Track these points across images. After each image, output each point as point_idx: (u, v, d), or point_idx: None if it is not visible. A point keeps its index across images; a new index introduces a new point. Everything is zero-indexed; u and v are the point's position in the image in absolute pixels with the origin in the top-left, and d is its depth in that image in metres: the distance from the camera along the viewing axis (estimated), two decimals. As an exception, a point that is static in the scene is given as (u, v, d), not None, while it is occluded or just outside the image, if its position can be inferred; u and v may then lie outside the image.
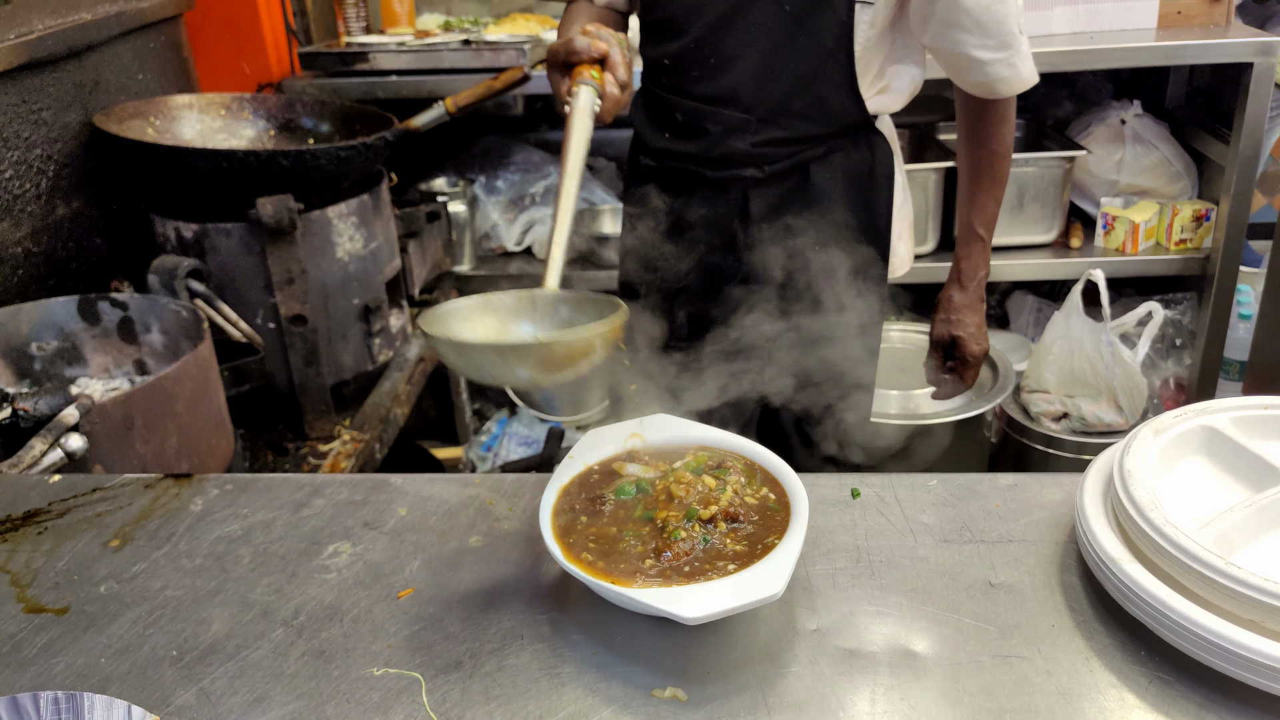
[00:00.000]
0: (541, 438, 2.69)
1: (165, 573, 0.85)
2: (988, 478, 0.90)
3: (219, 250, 1.82)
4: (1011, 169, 2.35)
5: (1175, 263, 2.41)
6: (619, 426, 0.88)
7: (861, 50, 1.32)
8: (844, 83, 1.34)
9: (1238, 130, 2.21)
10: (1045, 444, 2.22)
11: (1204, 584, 0.68)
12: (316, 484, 0.96)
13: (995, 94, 1.37)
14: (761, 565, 0.71)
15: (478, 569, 0.83)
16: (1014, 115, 1.44)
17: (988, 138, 1.45)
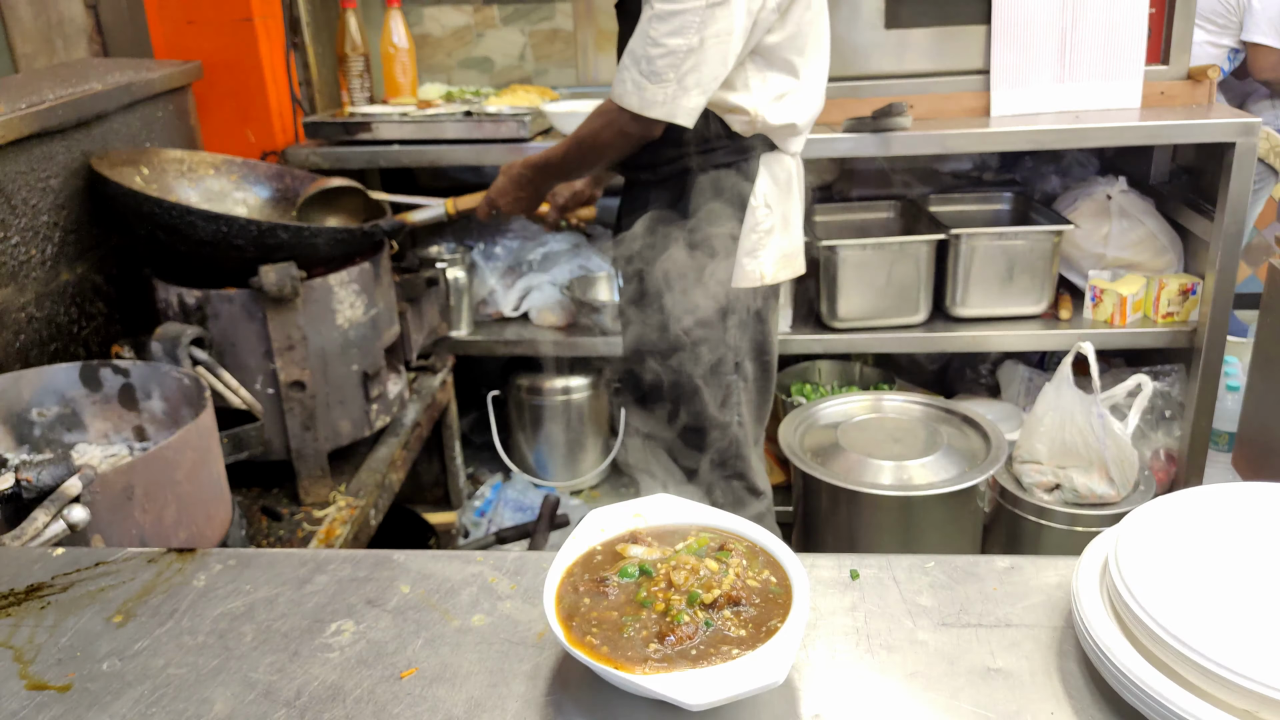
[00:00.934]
0: (535, 503, 2.69)
1: (168, 650, 0.85)
2: (984, 560, 0.91)
3: (220, 316, 1.84)
4: (1002, 241, 2.41)
5: (1163, 335, 2.45)
6: (621, 506, 0.90)
7: None
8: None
9: (1221, 207, 2.26)
10: (1038, 515, 2.23)
11: (1203, 676, 0.69)
12: (319, 560, 0.96)
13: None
14: (764, 651, 0.71)
15: (480, 649, 0.83)
16: (604, 116, 1.76)
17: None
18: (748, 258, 1.83)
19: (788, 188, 1.86)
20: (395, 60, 2.65)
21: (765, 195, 1.82)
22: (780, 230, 1.85)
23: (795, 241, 1.90)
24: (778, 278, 1.88)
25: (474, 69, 3.06)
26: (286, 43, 2.46)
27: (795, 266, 1.92)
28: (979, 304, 2.49)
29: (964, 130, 2.29)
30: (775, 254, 1.86)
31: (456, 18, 3.03)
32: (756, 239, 1.83)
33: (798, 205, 1.90)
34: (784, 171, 1.84)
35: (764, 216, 1.83)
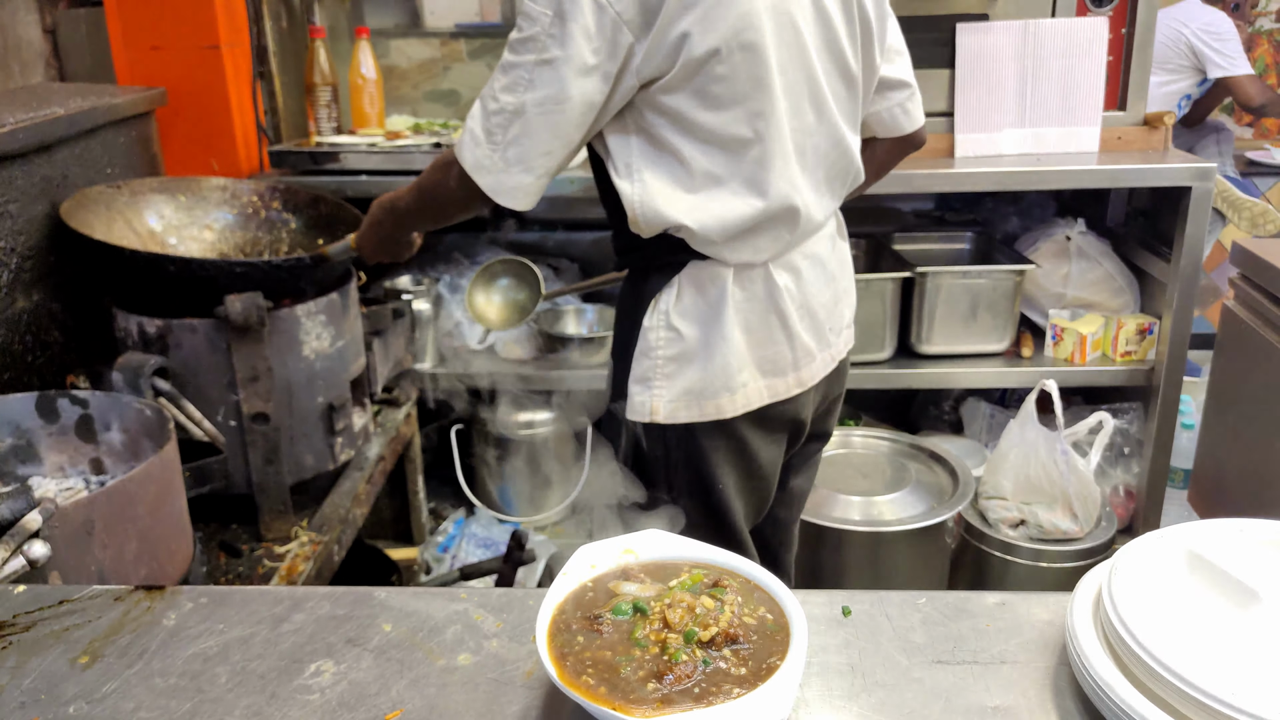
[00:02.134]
0: (499, 538, 2.65)
1: (138, 693, 0.81)
2: (975, 596, 0.91)
3: (182, 346, 1.80)
4: (966, 280, 2.44)
5: (1121, 374, 2.50)
6: (611, 543, 0.88)
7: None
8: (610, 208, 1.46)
9: (1178, 249, 2.32)
10: (1004, 550, 2.24)
11: (1200, 710, 0.69)
12: (296, 598, 0.93)
13: None
14: (764, 690, 0.70)
15: (467, 689, 0.81)
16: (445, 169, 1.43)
17: None
18: (637, 385, 1.43)
19: (718, 307, 1.39)
20: (363, 91, 2.64)
21: (668, 314, 1.40)
22: (696, 359, 1.40)
23: (723, 375, 1.40)
24: (676, 418, 1.42)
25: (440, 101, 3.06)
26: (253, 71, 2.43)
27: (710, 408, 1.42)
28: (943, 341, 2.52)
29: (930, 170, 2.33)
30: (678, 388, 1.41)
31: (423, 50, 3.03)
32: (649, 366, 1.41)
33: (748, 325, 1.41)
34: (715, 286, 1.38)
35: (664, 340, 1.40)
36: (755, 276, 1.40)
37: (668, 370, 1.41)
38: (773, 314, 1.42)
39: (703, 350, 1.40)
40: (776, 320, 1.42)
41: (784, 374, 1.46)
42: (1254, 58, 4.60)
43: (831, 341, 1.54)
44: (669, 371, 1.41)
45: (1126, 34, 2.42)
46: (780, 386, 1.46)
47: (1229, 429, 2.16)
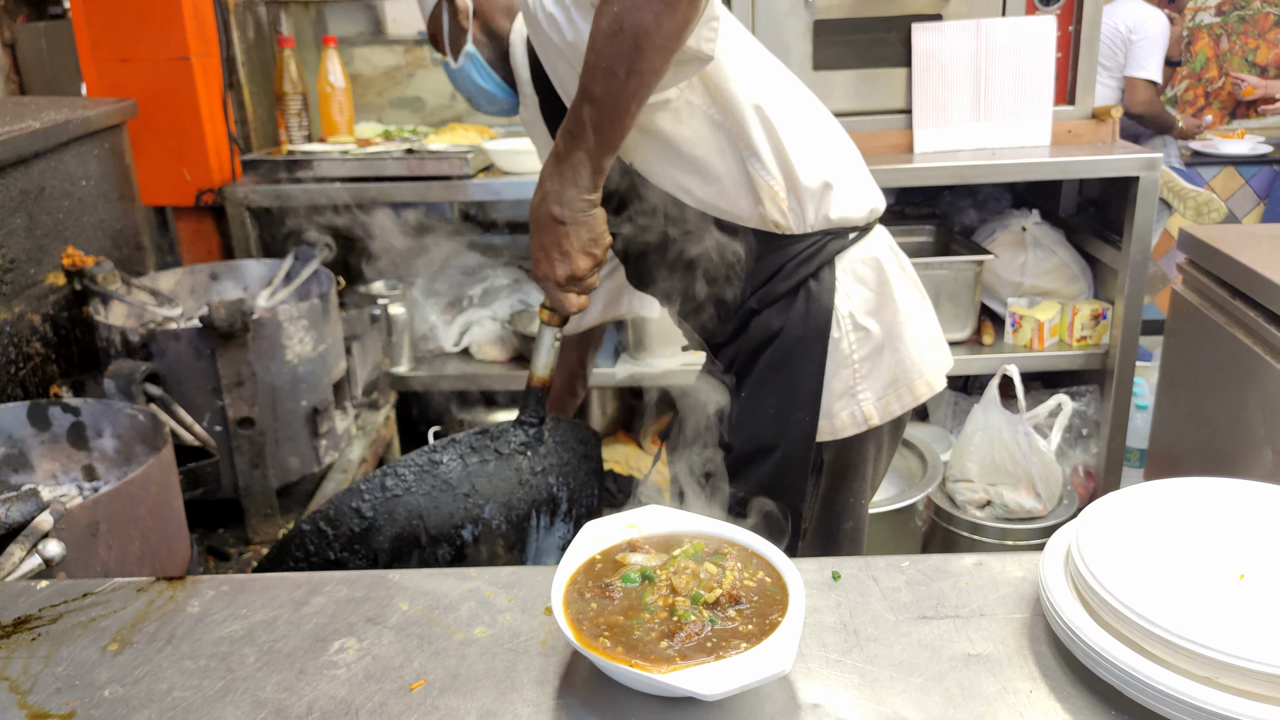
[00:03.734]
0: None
1: (170, 675, 0.85)
2: (954, 558, 0.98)
3: (166, 354, 1.82)
4: (928, 271, 2.53)
5: (1078, 358, 2.60)
6: (615, 518, 0.93)
7: None
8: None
9: (1127, 237, 2.42)
10: (971, 531, 2.33)
11: (1163, 647, 0.75)
12: (314, 582, 0.97)
13: None
14: (769, 643, 0.76)
15: (486, 659, 0.86)
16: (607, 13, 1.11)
17: None
18: (841, 401, 1.36)
19: (883, 286, 1.36)
20: (332, 99, 2.67)
21: (854, 315, 1.34)
22: (886, 348, 1.37)
23: (914, 352, 1.38)
24: (890, 414, 1.39)
25: (405, 108, 3.09)
26: (223, 81, 2.45)
27: (921, 387, 1.40)
28: (907, 331, 2.60)
29: (890, 166, 2.41)
30: (881, 383, 1.38)
31: (388, 58, 3.06)
32: (848, 375, 1.35)
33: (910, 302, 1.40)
34: (870, 267, 1.35)
35: (855, 343, 1.35)
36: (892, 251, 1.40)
37: (864, 370, 1.36)
38: (914, 289, 1.43)
39: (890, 336, 1.37)
40: (917, 293, 1.44)
41: (941, 344, 1.48)
42: (1194, 51, 4.76)
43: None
44: (866, 371, 1.36)
45: (1074, 31, 2.52)
46: (947, 355, 1.48)
47: (1181, 408, 2.26)
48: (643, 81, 1.13)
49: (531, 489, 1.41)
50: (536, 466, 1.43)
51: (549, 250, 1.27)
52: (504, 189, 2.48)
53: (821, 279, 1.32)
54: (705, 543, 0.89)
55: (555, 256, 1.27)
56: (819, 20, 2.49)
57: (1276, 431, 1.84)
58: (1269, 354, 1.85)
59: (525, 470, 1.41)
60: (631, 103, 1.15)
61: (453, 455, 1.38)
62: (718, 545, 0.89)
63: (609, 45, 1.11)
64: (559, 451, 1.46)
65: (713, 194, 1.32)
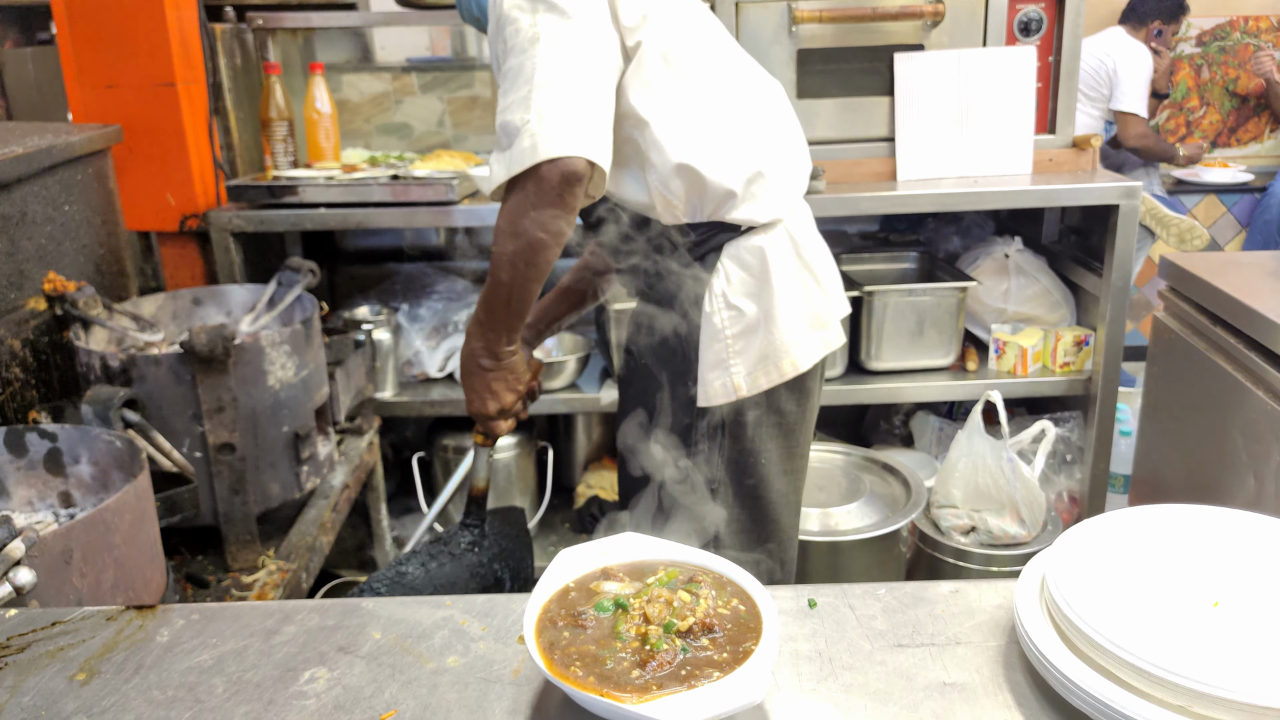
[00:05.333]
0: (463, 564, 2.67)
1: (137, 705, 0.84)
2: (930, 585, 0.97)
3: (146, 379, 1.81)
4: (912, 298, 2.54)
5: (1060, 384, 2.61)
6: (589, 546, 0.93)
7: None
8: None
9: (1108, 264, 2.44)
10: (956, 557, 2.32)
11: (1137, 675, 0.75)
12: (286, 610, 0.97)
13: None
14: (741, 672, 0.75)
15: (458, 688, 0.85)
16: (506, 218, 1.36)
17: None
18: (713, 372, 1.52)
19: (763, 274, 1.50)
20: (319, 125, 2.67)
21: (725, 296, 1.50)
22: (759, 328, 1.51)
23: (786, 334, 1.52)
24: (757, 387, 1.53)
25: (393, 135, 3.10)
26: (209, 107, 2.46)
27: (787, 366, 1.54)
28: (892, 357, 2.60)
29: (874, 193, 2.42)
30: (752, 358, 1.52)
31: (375, 85, 3.08)
32: (720, 349, 1.51)
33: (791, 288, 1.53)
34: (755, 257, 1.50)
35: (728, 320, 1.51)
36: (780, 237, 1.52)
37: (738, 347, 1.51)
38: (805, 272, 1.56)
39: (763, 319, 1.52)
40: (809, 277, 1.56)
41: (827, 326, 1.60)
42: (1175, 81, 4.82)
43: (840, 297, 1.67)
44: (739, 348, 1.52)
45: (1053, 62, 2.55)
46: (831, 337, 1.61)
47: (1164, 435, 2.26)
48: (540, 271, 1.38)
49: (481, 577, 1.71)
50: (483, 558, 1.72)
51: (480, 392, 1.55)
52: (489, 215, 2.49)
53: (706, 261, 1.50)
54: (679, 570, 0.89)
55: (486, 396, 1.56)
56: (802, 49, 2.51)
57: (1259, 458, 1.85)
58: (1250, 381, 1.86)
59: (475, 564, 1.71)
60: (533, 284, 1.40)
61: (415, 565, 1.68)
62: (692, 573, 0.88)
63: (509, 244, 1.35)
64: (498, 540, 1.77)
65: (616, 187, 1.51)
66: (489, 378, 1.54)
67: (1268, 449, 1.81)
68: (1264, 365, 1.81)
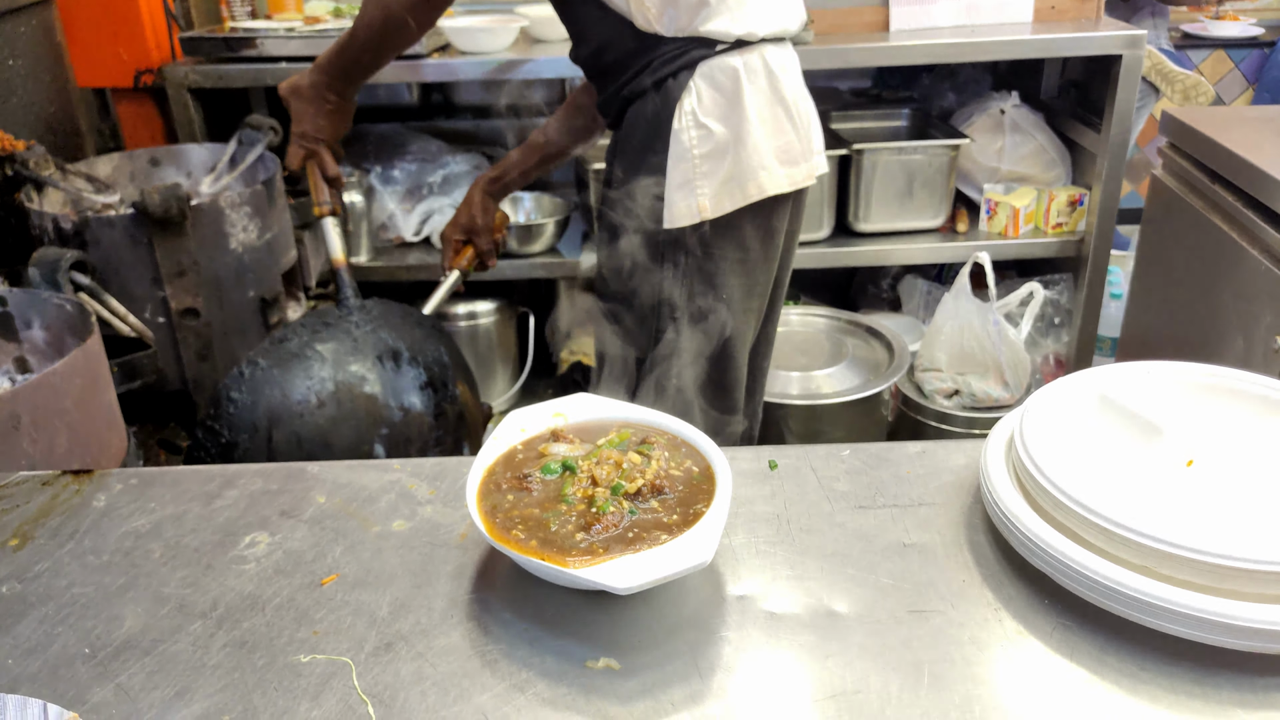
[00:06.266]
0: (445, 430, 2.66)
1: (71, 570, 0.81)
2: (898, 446, 0.94)
3: (102, 242, 1.74)
4: (901, 156, 2.45)
5: (1052, 245, 2.54)
6: (541, 407, 0.89)
7: None
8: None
9: (1108, 119, 2.34)
10: (938, 420, 2.31)
11: (1100, 535, 0.72)
12: (228, 475, 0.93)
13: None
14: (690, 534, 0.72)
15: (403, 553, 0.82)
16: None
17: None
18: (679, 192, 1.50)
19: (736, 97, 1.48)
20: (278, -27, 2.51)
21: (695, 114, 1.48)
22: (728, 149, 1.49)
23: (754, 158, 1.51)
24: (721, 209, 1.52)
25: (361, -15, 2.93)
26: (159, -48, 2.30)
27: (752, 188, 1.52)
28: (880, 219, 2.53)
29: (865, 45, 2.30)
30: (718, 179, 1.50)
31: (341, -70, 2.88)
32: (688, 169, 1.49)
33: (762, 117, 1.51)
34: (728, 78, 1.48)
35: (696, 139, 1.49)
36: (757, 68, 1.49)
37: (705, 168, 1.49)
38: (779, 105, 1.52)
39: (732, 140, 1.49)
40: (782, 111, 1.53)
41: (797, 163, 1.56)
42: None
43: (813, 152, 1.62)
44: (706, 169, 1.49)
45: (1060, -102, 2.39)
46: (798, 175, 1.57)
47: (1155, 296, 2.22)
48: (394, 44, 1.69)
49: (367, 344, 1.73)
50: (365, 326, 1.75)
51: (309, 115, 1.79)
52: (461, 69, 2.37)
53: (680, 78, 1.47)
54: (633, 431, 0.85)
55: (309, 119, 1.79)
56: (792, -115, 2.33)
57: (1250, 319, 1.80)
58: (1247, 240, 1.80)
59: (354, 331, 1.74)
60: (385, 53, 1.72)
61: (292, 333, 1.70)
62: (645, 434, 0.85)
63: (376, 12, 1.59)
64: (385, 315, 1.80)
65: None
66: (322, 106, 1.76)
67: (1259, 310, 1.76)
68: (1262, 224, 1.75)
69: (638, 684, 0.68)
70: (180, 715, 0.67)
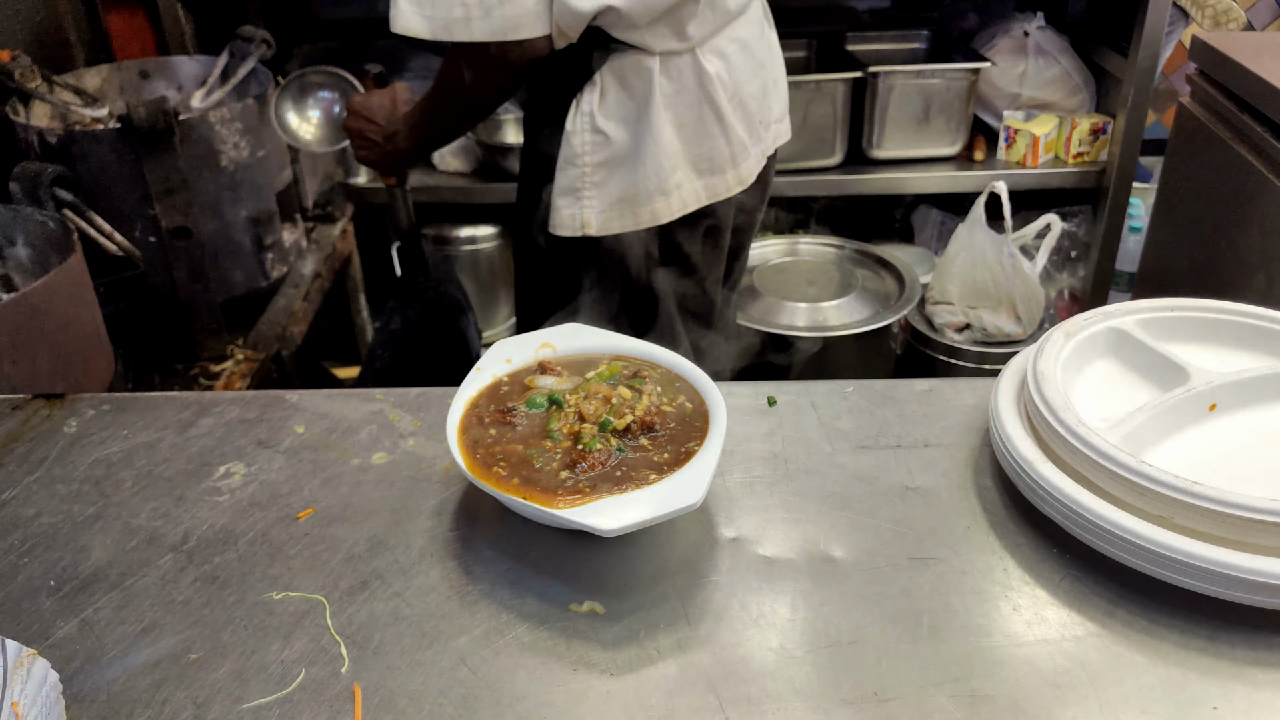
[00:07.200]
0: (446, 356, 2.63)
1: (38, 499, 0.78)
2: (904, 383, 0.90)
3: (88, 157, 1.69)
4: (919, 80, 2.35)
5: (1072, 176, 2.46)
6: (529, 337, 0.85)
7: None
8: None
9: (1136, 42, 2.24)
10: (948, 354, 2.26)
11: (1115, 482, 0.68)
12: (204, 402, 0.90)
13: None
14: (680, 474, 0.69)
15: (382, 487, 0.79)
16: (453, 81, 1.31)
17: None
18: (564, 199, 1.32)
19: (646, 102, 1.27)
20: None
21: (593, 115, 1.28)
22: (626, 163, 1.30)
23: (653, 179, 1.30)
24: (609, 229, 1.32)
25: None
26: None
27: (648, 214, 1.32)
28: (895, 146, 2.45)
29: (884, -41, 2.20)
30: (610, 197, 1.31)
31: None
32: (575, 176, 1.30)
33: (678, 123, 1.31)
34: (641, 79, 1.27)
35: (590, 145, 1.29)
36: (683, 65, 1.28)
37: (596, 178, 1.30)
38: (705, 105, 1.31)
39: (632, 153, 1.29)
40: (710, 112, 1.31)
41: (721, 171, 1.37)
42: None
43: (762, 135, 1.44)
44: (598, 179, 1.31)
45: None
46: (719, 186, 1.38)
47: (1176, 230, 2.14)
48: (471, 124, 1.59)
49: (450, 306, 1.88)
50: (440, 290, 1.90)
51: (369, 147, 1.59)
52: (462, -19, 2.27)
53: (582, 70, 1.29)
54: (624, 364, 0.81)
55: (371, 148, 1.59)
56: None
57: (1273, 255, 1.74)
58: (1274, 173, 1.72)
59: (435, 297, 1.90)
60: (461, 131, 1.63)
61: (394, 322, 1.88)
62: (637, 367, 0.80)
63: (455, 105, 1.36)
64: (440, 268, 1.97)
65: None
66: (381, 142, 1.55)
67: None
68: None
69: (623, 629, 0.65)
70: (146, 653, 0.64)
